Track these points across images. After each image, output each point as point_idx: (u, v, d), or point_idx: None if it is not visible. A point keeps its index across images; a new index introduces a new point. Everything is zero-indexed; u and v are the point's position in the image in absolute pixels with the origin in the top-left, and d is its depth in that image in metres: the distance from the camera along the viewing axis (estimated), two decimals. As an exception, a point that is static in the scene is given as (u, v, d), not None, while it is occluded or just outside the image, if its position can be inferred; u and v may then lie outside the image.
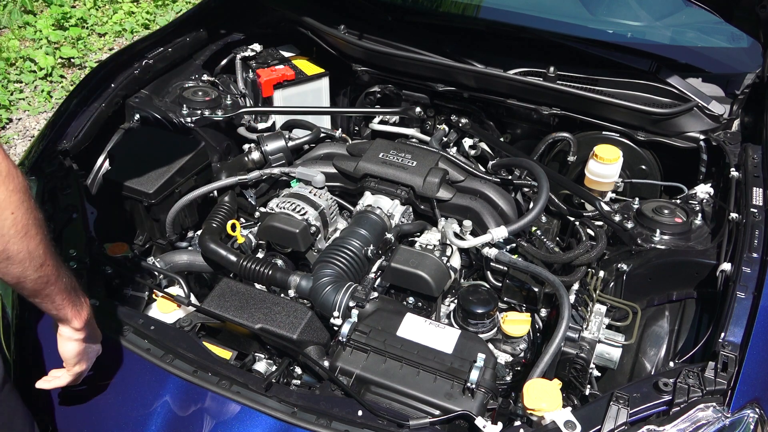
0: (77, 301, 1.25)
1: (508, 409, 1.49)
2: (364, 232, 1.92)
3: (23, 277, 1.09)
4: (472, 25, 2.44)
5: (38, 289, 1.14)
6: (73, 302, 1.23)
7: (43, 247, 1.09)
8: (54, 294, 1.17)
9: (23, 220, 1.03)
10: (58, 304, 1.20)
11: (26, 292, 1.14)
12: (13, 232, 1.02)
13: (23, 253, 1.06)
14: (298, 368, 1.57)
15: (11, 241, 1.03)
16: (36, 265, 1.09)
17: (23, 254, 1.06)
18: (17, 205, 1.02)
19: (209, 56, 2.54)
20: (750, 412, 1.28)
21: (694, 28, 2.24)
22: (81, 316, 1.26)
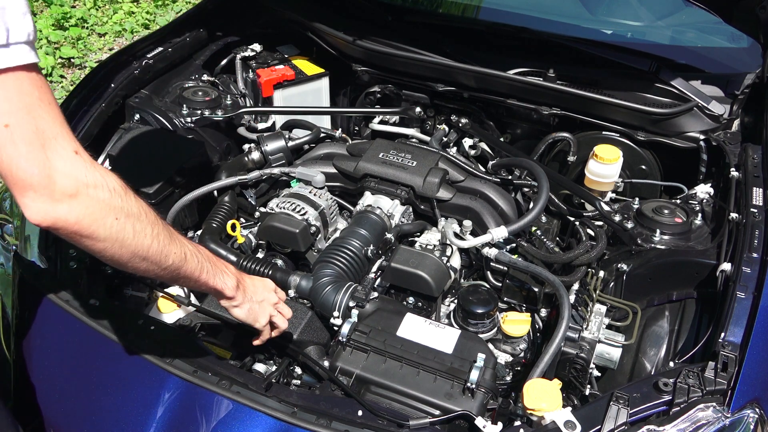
0: (218, 275, 1.29)
1: (508, 409, 1.49)
2: (364, 232, 1.92)
3: (152, 273, 1.15)
4: (472, 25, 2.44)
5: (172, 278, 1.21)
6: (213, 278, 1.28)
7: (158, 244, 1.12)
8: (189, 279, 1.23)
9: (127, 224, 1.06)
10: (200, 285, 1.27)
11: (165, 280, 1.22)
12: (128, 235, 1.07)
13: (140, 254, 1.10)
14: (298, 368, 1.58)
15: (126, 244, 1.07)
16: (157, 260, 1.13)
17: (141, 255, 1.10)
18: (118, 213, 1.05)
19: (209, 56, 2.54)
20: (750, 412, 1.28)
21: (694, 28, 2.24)
22: (227, 287, 1.31)
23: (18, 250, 1.70)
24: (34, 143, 0.94)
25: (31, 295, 1.61)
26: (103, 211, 1.01)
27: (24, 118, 0.93)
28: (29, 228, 1.74)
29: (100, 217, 1.01)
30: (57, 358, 1.54)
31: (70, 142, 0.99)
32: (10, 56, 0.91)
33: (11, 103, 0.92)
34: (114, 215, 1.03)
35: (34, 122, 0.94)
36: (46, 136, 0.95)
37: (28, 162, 0.93)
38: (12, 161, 0.93)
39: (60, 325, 1.54)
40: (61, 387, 1.50)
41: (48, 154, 0.95)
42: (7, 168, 0.94)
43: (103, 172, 1.03)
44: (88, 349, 1.51)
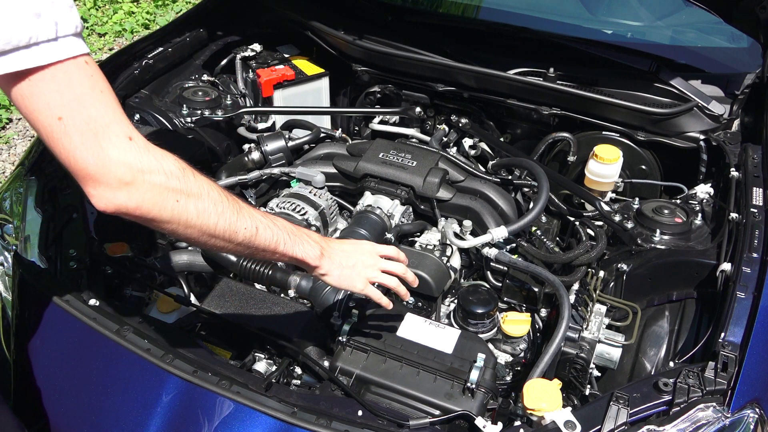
0: (297, 245, 1.28)
1: (508, 409, 1.49)
2: (364, 232, 1.92)
3: (227, 248, 1.18)
4: (472, 25, 2.44)
5: (249, 252, 1.21)
6: (292, 249, 1.27)
7: (225, 221, 1.13)
8: (266, 251, 1.23)
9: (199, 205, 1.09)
10: (280, 257, 1.27)
11: (243, 254, 1.26)
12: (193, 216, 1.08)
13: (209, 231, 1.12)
14: (298, 368, 1.57)
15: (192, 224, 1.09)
16: (227, 236, 1.14)
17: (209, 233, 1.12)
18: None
19: (209, 56, 2.54)
20: (750, 412, 1.28)
21: (694, 28, 2.24)
22: (309, 256, 1.30)
23: (18, 250, 1.70)
24: (87, 133, 0.95)
25: (31, 295, 1.61)
26: (161, 195, 1.03)
27: (75, 109, 0.94)
28: (29, 228, 1.74)
29: (160, 200, 1.03)
30: (57, 358, 1.53)
31: (124, 128, 1.00)
32: (60, 49, 0.92)
33: (62, 96, 0.94)
34: (174, 197, 1.05)
35: (86, 112, 0.95)
36: (98, 124, 0.96)
37: (83, 152, 0.96)
38: (69, 153, 0.96)
39: (60, 325, 1.54)
40: (61, 387, 1.50)
41: (102, 144, 0.97)
42: (66, 159, 0.97)
43: (159, 155, 1.04)
44: (88, 349, 1.51)
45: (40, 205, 1.78)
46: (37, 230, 1.72)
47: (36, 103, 0.94)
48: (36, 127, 0.96)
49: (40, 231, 1.72)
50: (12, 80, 0.93)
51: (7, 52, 0.90)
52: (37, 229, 1.72)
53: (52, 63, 0.92)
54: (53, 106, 0.94)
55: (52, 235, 1.72)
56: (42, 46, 0.91)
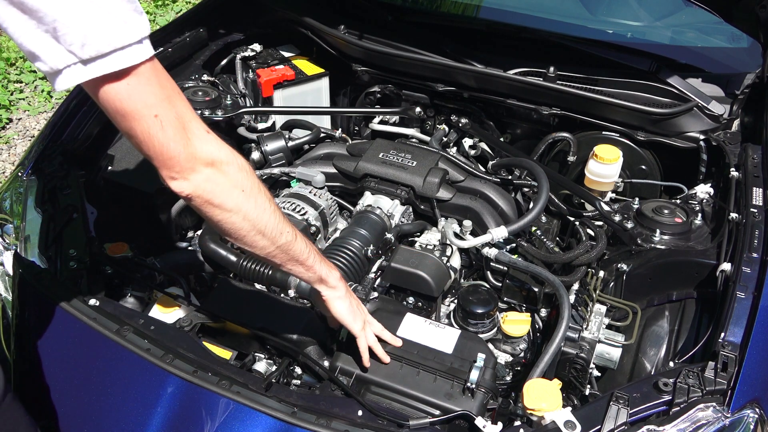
0: (323, 263, 1.38)
1: (508, 409, 1.49)
2: (364, 232, 1.92)
3: (266, 250, 1.26)
4: (472, 25, 2.44)
5: (282, 258, 1.30)
6: (319, 264, 1.36)
7: (275, 219, 1.24)
8: (297, 260, 1.31)
9: (254, 196, 1.20)
10: (307, 269, 1.34)
11: (277, 260, 1.30)
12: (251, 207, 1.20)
13: (258, 226, 1.22)
14: (298, 368, 1.57)
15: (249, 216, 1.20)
16: (273, 236, 1.24)
17: (258, 227, 1.22)
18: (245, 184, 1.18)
19: (209, 56, 2.53)
20: (750, 412, 1.28)
21: (694, 28, 2.24)
22: (333, 274, 1.40)
23: (18, 250, 1.70)
24: (178, 128, 1.07)
25: (31, 295, 1.61)
26: (233, 184, 1.16)
27: (167, 107, 1.06)
28: (29, 228, 1.74)
29: (230, 188, 1.16)
30: (57, 358, 1.53)
31: (201, 123, 1.14)
32: (144, 50, 1.01)
33: (156, 95, 1.04)
34: (241, 188, 1.17)
35: (174, 109, 1.07)
36: (184, 120, 1.09)
37: (176, 143, 1.07)
38: (163, 146, 1.07)
39: (60, 325, 1.54)
40: (61, 387, 1.50)
41: (189, 136, 1.09)
42: (159, 151, 1.07)
43: (232, 150, 1.17)
44: (88, 349, 1.51)
45: (40, 205, 1.78)
46: (37, 230, 1.72)
47: (135, 103, 1.03)
48: (131, 126, 1.05)
49: (40, 231, 1.72)
50: (106, 83, 1.00)
51: (107, 54, 0.97)
52: (37, 229, 1.72)
53: (142, 62, 1.01)
54: (150, 105, 1.04)
55: (52, 235, 1.71)
56: (134, 48, 1.00)
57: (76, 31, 0.94)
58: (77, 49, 0.95)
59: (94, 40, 0.95)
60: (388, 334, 1.53)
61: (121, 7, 0.98)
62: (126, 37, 0.98)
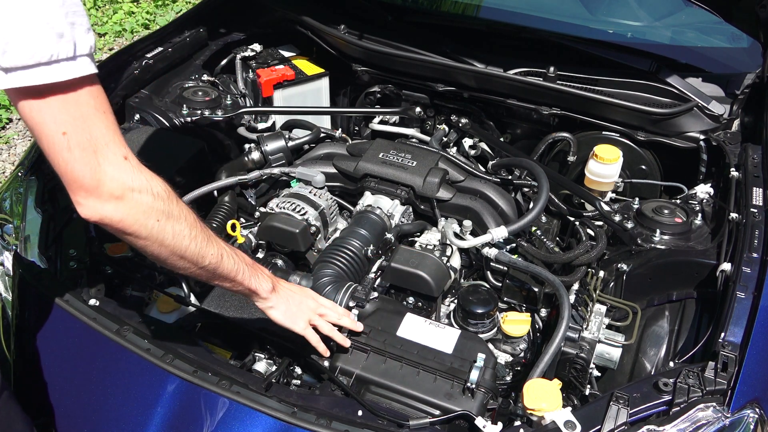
0: (254, 277, 1.37)
1: (508, 409, 1.49)
2: (364, 232, 1.92)
3: (190, 271, 1.25)
4: (472, 25, 2.44)
5: (209, 277, 1.30)
6: (248, 279, 1.35)
7: (195, 245, 1.21)
8: (225, 278, 1.31)
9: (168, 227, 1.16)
10: (237, 285, 1.34)
11: (202, 279, 1.30)
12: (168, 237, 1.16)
13: (176, 254, 1.19)
14: (298, 368, 1.58)
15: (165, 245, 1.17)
16: (195, 260, 1.23)
17: (176, 255, 1.20)
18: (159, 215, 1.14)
19: (209, 56, 2.54)
20: (750, 412, 1.28)
21: (694, 28, 2.24)
22: (262, 288, 1.38)
23: (18, 250, 1.70)
24: (88, 149, 1.03)
25: (31, 295, 1.61)
26: (145, 214, 1.11)
27: (80, 126, 1.02)
28: (29, 228, 1.74)
29: (143, 218, 1.11)
30: (57, 358, 1.54)
31: (120, 148, 1.08)
32: (75, 68, 0.99)
33: (69, 113, 1.01)
34: (155, 217, 1.12)
35: (89, 130, 1.03)
36: (98, 143, 1.04)
37: (82, 166, 1.03)
38: (68, 165, 1.03)
39: (60, 325, 1.54)
40: (61, 387, 1.50)
41: (99, 160, 1.04)
42: (63, 170, 1.04)
43: (149, 176, 1.12)
44: (88, 349, 1.51)
45: (40, 205, 1.78)
46: (37, 230, 1.72)
47: (44, 117, 1.00)
48: (39, 137, 1.03)
49: (40, 231, 1.72)
50: (24, 93, 0.98)
51: (30, 66, 0.95)
52: (37, 229, 1.73)
53: (66, 80, 0.98)
54: (59, 122, 1.00)
55: (52, 235, 1.72)
56: (62, 64, 0.97)
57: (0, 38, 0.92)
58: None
59: (17, 50, 0.93)
60: (348, 321, 1.53)
61: (57, 21, 0.95)
62: (56, 52, 0.96)
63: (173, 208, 1.16)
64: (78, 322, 1.52)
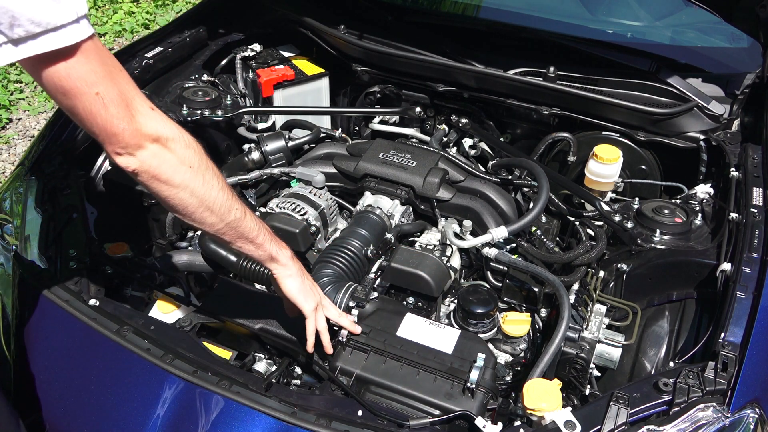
0: (274, 242, 1.38)
1: (508, 409, 1.49)
2: (364, 232, 1.92)
3: (215, 227, 1.26)
4: (472, 25, 2.44)
5: (232, 236, 1.30)
6: (269, 242, 1.36)
7: (223, 196, 1.23)
8: (246, 238, 1.32)
9: (201, 172, 1.20)
10: (257, 247, 1.34)
11: (226, 238, 1.30)
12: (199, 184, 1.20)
13: (207, 202, 1.22)
14: (298, 368, 1.57)
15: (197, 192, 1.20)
16: (221, 212, 1.24)
17: (207, 204, 1.22)
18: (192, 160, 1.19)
19: (209, 56, 2.53)
20: (750, 412, 1.28)
21: (694, 28, 2.24)
22: (284, 252, 1.39)
23: (18, 250, 1.70)
24: (121, 105, 1.07)
25: (31, 295, 1.61)
26: (180, 160, 1.15)
27: (109, 84, 1.06)
28: (29, 228, 1.74)
29: (177, 165, 1.15)
30: (57, 357, 1.53)
31: (145, 100, 1.13)
32: (82, 30, 1.01)
33: (97, 73, 1.04)
34: (188, 164, 1.17)
35: (117, 87, 1.07)
36: (127, 97, 1.09)
37: (120, 120, 1.08)
38: (106, 123, 1.07)
39: (60, 325, 1.54)
40: (61, 387, 1.50)
41: (132, 112, 1.09)
42: (103, 127, 1.08)
43: (179, 127, 1.17)
44: (88, 349, 1.51)
45: (40, 205, 1.78)
46: (37, 230, 1.72)
47: (75, 81, 1.02)
48: (72, 104, 1.05)
49: (40, 231, 1.72)
50: (45, 63, 1.00)
51: (38, 35, 0.96)
52: (37, 229, 1.72)
53: (80, 41, 1.00)
54: (90, 83, 1.03)
55: (52, 235, 1.71)
56: (69, 28, 0.98)
57: (3, 12, 0.93)
58: (6, 29, 0.94)
59: (24, 21, 0.94)
60: (347, 320, 1.52)
61: None
62: (59, 18, 0.97)
63: (203, 159, 1.20)
64: (78, 322, 1.52)
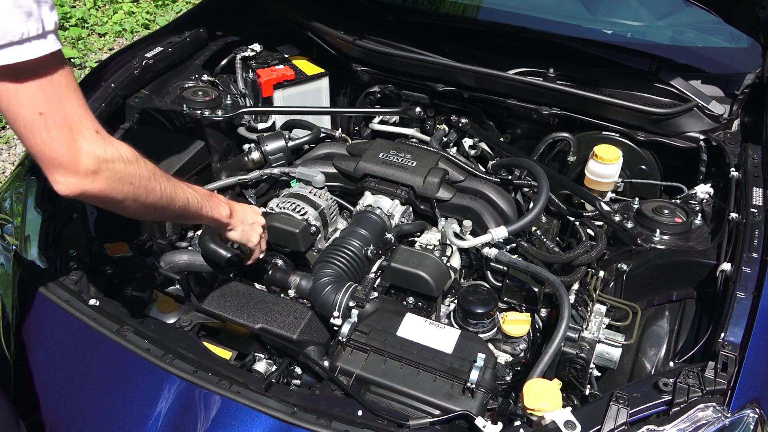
0: (215, 208, 1.49)
1: (508, 409, 1.49)
2: (364, 232, 1.92)
3: (162, 217, 1.46)
4: (472, 25, 2.44)
5: (178, 218, 1.47)
6: (210, 211, 1.47)
7: (166, 196, 1.30)
8: (192, 217, 1.42)
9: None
10: (201, 219, 1.46)
11: (172, 221, 1.51)
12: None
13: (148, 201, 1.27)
14: (298, 368, 1.57)
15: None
16: (165, 208, 1.31)
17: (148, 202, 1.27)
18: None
19: (209, 56, 2.53)
20: (750, 412, 1.28)
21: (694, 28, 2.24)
22: (223, 215, 1.51)
23: (18, 250, 1.70)
24: (64, 128, 1.06)
25: (31, 295, 1.61)
26: (121, 180, 1.17)
27: (56, 105, 1.05)
28: (29, 228, 1.74)
29: (119, 185, 1.17)
30: (57, 358, 1.53)
31: (92, 123, 1.12)
32: (46, 45, 1.01)
33: (45, 93, 1.03)
34: (129, 181, 1.19)
35: (63, 109, 1.05)
36: (72, 120, 1.07)
37: (59, 144, 1.06)
38: (45, 144, 1.06)
39: (60, 325, 1.54)
40: (61, 387, 1.50)
41: (74, 137, 1.07)
42: (41, 149, 1.07)
43: (118, 145, 1.17)
44: (88, 349, 1.51)
45: (40, 205, 1.78)
46: (37, 230, 1.72)
47: (20, 98, 1.02)
48: (14, 120, 1.04)
49: (40, 231, 1.72)
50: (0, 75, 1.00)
51: (3, 47, 0.97)
52: (37, 229, 1.73)
53: (40, 58, 1.01)
54: (36, 102, 1.03)
55: (52, 235, 1.71)
56: (33, 42, 0.99)
57: None
58: None
59: None
60: None
61: (25, 1, 0.97)
62: (26, 31, 0.97)
63: (143, 169, 1.22)
64: (78, 322, 1.52)
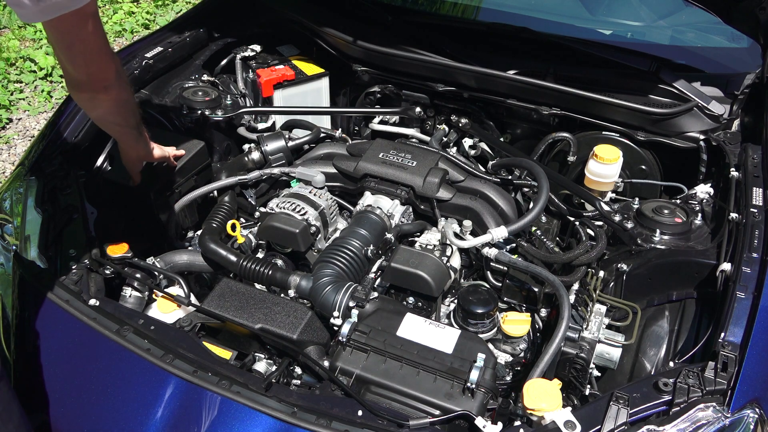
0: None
1: (508, 409, 1.49)
2: (364, 232, 1.92)
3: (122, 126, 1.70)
4: (472, 25, 2.44)
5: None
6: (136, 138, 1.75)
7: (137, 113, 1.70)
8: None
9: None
10: None
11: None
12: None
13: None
14: (298, 368, 1.57)
15: None
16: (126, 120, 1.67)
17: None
18: None
19: (209, 56, 2.54)
20: (750, 412, 1.28)
21: (694, 28, 2.24)
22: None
23: (18, 250, 1.70)
24: (102, 52, 1.46)
25: (31, 295, 1.61)
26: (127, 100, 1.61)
27: (101, 36, 1.46)
28: (29, 228, 1.74)
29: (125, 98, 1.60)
30: (57, 358, 1.54)
31: (114, 53, 1.51)
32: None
33: (94, 28, 1.41)
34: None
35: (102, 39, 1.46)
36: (104, 48, 1.47)
37: (97, 67, 1.47)
38: (88, 66, 1.46)
39: (60, 325, 1.55)
40: (61, 387, 1.50)
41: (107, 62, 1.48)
42: (83, 71, 1.47)
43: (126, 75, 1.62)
44: (88, 349, 1.51)
45: (40, 205, 1.78)
46: (37, 230, 1.72)
47: (80, 35, 1.39)
48: (69, 48, 1.41)
49: (40, 231, 1.72)
50: (67, 20, 1.33)
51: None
52: (37, 229, 1.73)
53: (80, 8, 1.33)
54: (91, 35, 1.40)
55: (52, 235, 1.72)
56: None
57: None
58: None
59: None
60: None
61: None
62: None
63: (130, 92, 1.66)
64: (78, 322, 1.52)
